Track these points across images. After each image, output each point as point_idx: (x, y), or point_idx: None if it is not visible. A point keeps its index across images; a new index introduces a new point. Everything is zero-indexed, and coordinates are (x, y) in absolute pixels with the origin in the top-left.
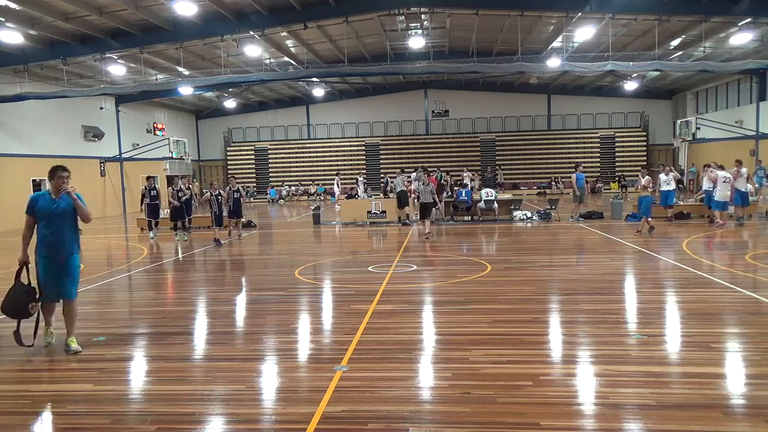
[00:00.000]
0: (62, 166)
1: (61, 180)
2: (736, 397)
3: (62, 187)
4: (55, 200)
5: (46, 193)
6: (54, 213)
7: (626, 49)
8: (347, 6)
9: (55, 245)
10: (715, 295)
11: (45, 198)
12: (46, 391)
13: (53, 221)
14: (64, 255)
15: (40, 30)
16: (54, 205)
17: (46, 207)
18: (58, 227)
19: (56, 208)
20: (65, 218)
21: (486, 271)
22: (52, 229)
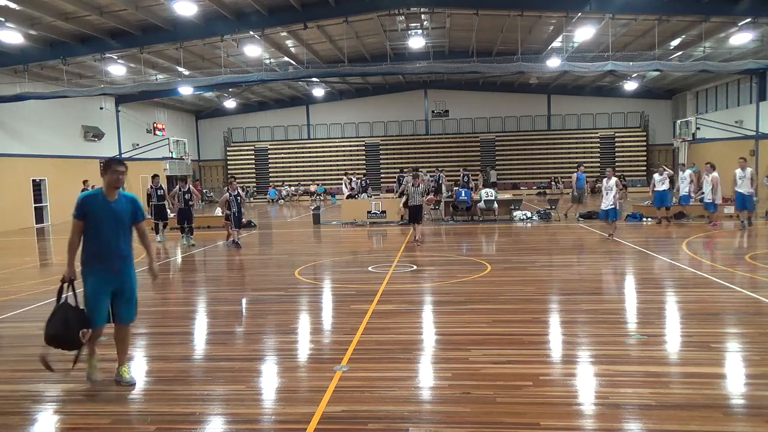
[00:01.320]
0: (117, 159)
1: (117, 176)
2: (736, 397)
3: (119, 185)
4: (110, 201)
5: (98, 192)
6: (109, 217)
7: (626, 49)
8: (347, 6)
9: (109, 256)
10: (715, 295)
11: (98, 198)
12: (46, 391)
13: (107, 227)
14: (117, 267)
15: (40, 30)
16: (109, 207)
17: (100, 209)
18: (112, 234)
19: (112, 211)
20: (121, 223)
21: (486, 271)
22: (106, 236)
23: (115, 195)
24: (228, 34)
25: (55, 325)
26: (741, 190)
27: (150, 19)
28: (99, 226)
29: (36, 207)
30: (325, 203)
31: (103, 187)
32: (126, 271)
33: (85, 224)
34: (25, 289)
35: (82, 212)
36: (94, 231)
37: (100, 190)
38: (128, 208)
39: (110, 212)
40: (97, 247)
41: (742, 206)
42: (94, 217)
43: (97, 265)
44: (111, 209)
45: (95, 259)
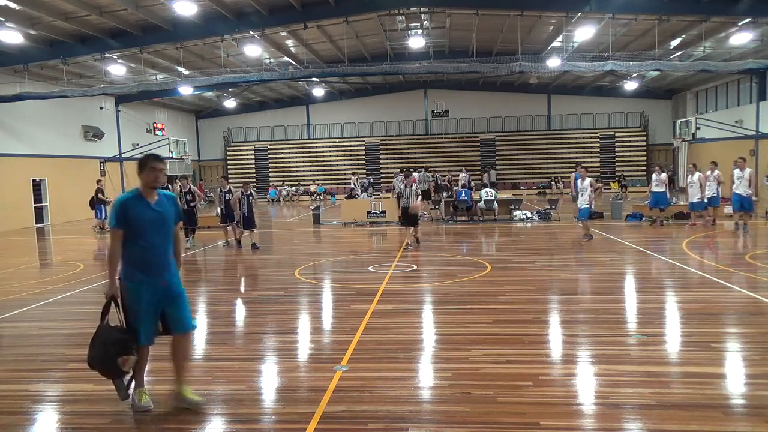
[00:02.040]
0: (155, 155)
1: (156, 174)
2: (736, 397)
3: (158, 184)
4: (151, 203)
5: (135, 193)
6: (153, 221)
7: (626, 49)
8: (347, 6)
9: (156, 266)
10: (715, 295)
11: (138, 201)
12: (46, 391)
13: (152, 233)
14: (165, 278)
15: (40, 30)
16: (151, 210)
17: (142, 214)
18: (158, 241)
19: (155, 213)
20: (166, 227)
21: (486, 271)
22: (151, 243)
23: (155, 195)
24: (228, 34)
25: (95, 347)
26: (738, 191)
27: (150, 18)
28: (142, 232)
29: (36, 207)
30: (325, 203)
31: (140, 187)
32: (175, 281)
33: (126, 232)
34: (25, 289)
35: (121, 219)
36: (137, 239)
37: (137, 191)
38: (170, 209)
39: (153, 216)
40: (142, 257)
41: (739, 208)
42: (136, 223)
43: (142, 277)
44: (153, 212)
45: (139, 271)
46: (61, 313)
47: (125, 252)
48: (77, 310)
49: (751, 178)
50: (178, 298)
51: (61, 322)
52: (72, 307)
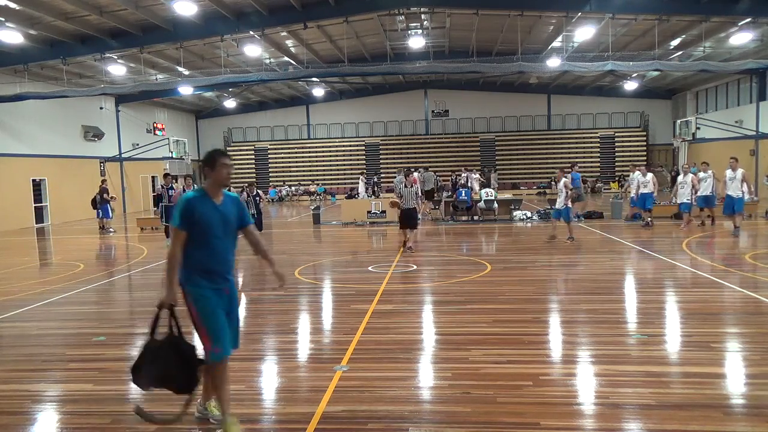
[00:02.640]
0: (221, 149)
1: (227, 172)
2: (736, 396)
3: (228, 183)
4: (217, 204)
5: (202, 192)
6: (219, 224)
7: (626, 49)
8: (347, 6)
9: (219, 273)
10: (715, 295)
11: (204, 201)
12: (46, 391)
13: (218, 237)
14: (229, 287)
15: (40, 30)
16: (218, 211)
17: (209, 214)
18: (222, 245)
19: (221, 216)
20: (232, 232)
21: (486, 271)
22: (216, 249)
23: (221, 196)
24: (228, 34)
25: (166, 361)
26: (730, 193)
27: (150, 18)
28: (208, 236)
29: (36, 207)
30: (325, 203)
31: (207, 186)
32: (234, 292)
33: (189, 234)
34: (25, 289)
35: (187, 220)
36: (202, 242)
37: (203, 190)
38: (235, 211)
39: (219, 217)
40: (206, 263)
41: (730, 210)
42: (201, 225)
43: (204, 283)
44: (220, 214)
45: (202, 278)
46: (61, 313)
47: (186, 256)
48: (77, 310)
49: (744, 178)
50: (233, 312)
51: (61, 322)
52: (72, 307)
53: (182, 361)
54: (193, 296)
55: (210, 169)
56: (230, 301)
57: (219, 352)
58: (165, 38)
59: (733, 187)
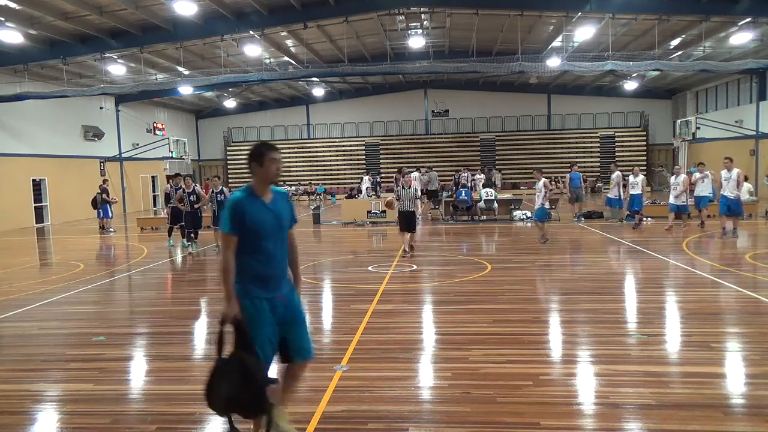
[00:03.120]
0: (270, 144)
1: (277, 167)
2: (736, 396)
3: (277, 179)
4: (267, 203)
5: (248, 191)
6: (271, 225)
7: (626, 49)
8: (347, 6)
9: (274, 278)
10: (715, 295)
11: (253, 200)
12: (46, 391)
13: (269, 238)
14: (284, 292)
15: (40, 30)
16: (268, 211)
17: (260, 215)
18: (276, 248)
19: (273, 215)
20: (283, 231)
21: (486, 270)
22: (270, 251)
23: (270, 193)
24: (228, 34)
25: (232, 383)
26: (725, 194)
27: (150, 18)
28: (259, 238)
29: (36, 207)
30: (325, 203)
31: (254, 184)
32: (293, 295)
33: (240, 238)
34: (25, 289)
35: (237, 223)
36: (254, 247)
37: (249, 188)
38: (286, 209)
39: (270, 218)
40: (258, 269)
41: (726, 211)
42: (252, 227)
43: (260, 292)
44: (271, 214)
45: (256, 286)
46: (61, 313)
47: (237, 263)
48: (77, 310)
49: (739, 178)
50: (298, 319)
51: (61, 322)
52: (72, 307)
53: (248, 381)
54: (245, 309)
55: (258, 164)
56: (288, 310)
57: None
58: (165, 38)
59: (729, 188)
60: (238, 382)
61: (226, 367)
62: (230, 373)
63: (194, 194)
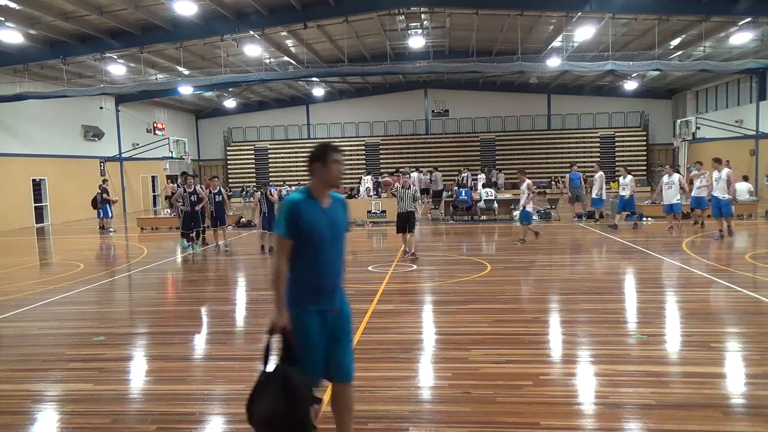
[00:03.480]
0: (333, 144)
1: (340, 168)
2: (736, 396)
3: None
4: (326, 208)
5: (306, 194)
6: (329, 232)
7: (626, 49)
8: (347, 6)
9: (329, 290)
10: (714, 295)
11: (311, 204)
12: (46, 391)
13: (325, 246)
14: (339, 304)
15: (40, 30)
16: (326, 216)
17: (317, 220)
18: (332, 257)
19: (330, 222)
20: (339, 240)
21: (486, 270)
22: (327, 261)
23: (328, 198)
24: (228, 34)
25: (272, 401)
26: (716, 194)
27: (150, 18)
28: (315, 245)
29: (36, 207)
30: None
31: (313, 186)
32: (346, 308)
33: (295, 244)
34: (25, 289)
35: (293, 226)
36: (308, 255)
37: (308, 190)
38: (343, 216)
39: (327, 224)
40: (313, 278)
41: (717, 213)
42: (309, 233)
43: (314, 305)
44: (329, 220)
45: (309, 297)
46: (61, 313)
47: (294, 271)
48: (77, 310)
49: (729, 178)
50: (345, 336)
51: (61, 322)
52: (72, 307)
53: (290, 399)
54: (295, 321)
55: (321, 164)
56: (338, 324)
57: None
58: (165, 38)
59: (719, 189)
60: (280, 399)
61: (269, 382)
62: (272, 389)
63: (195, 194)
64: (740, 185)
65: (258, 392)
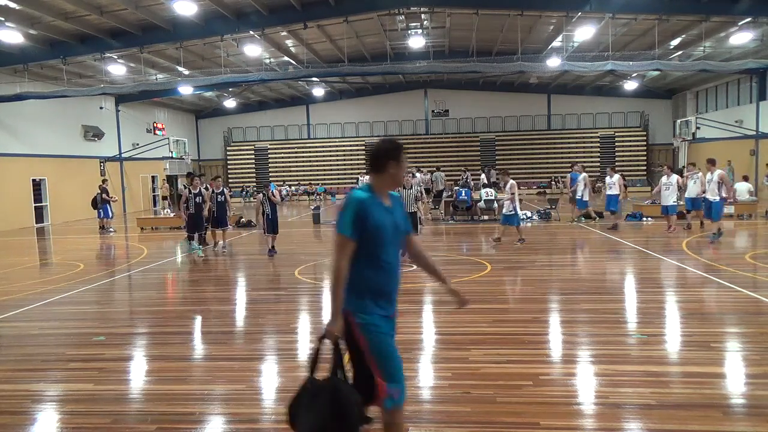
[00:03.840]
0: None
1: (402, 166)
2: (736, 396)
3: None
4: (388, 207)
5: (371, 192)
6: (393, 233)
7: (626, 49)
8: (347, 6)
9: (391, 293)
10: (714, 295)
11: (376, 203)
12: (46, 391)
13: (391, 247)
14: (396, 310)
15: (39, 29)
16: (390, 217)
17: (383, 221)
18: (394, 259)
19: (393, 223)
20: (399, 241)
21: (486, 270)
22: (388, 262)
23: (389, 197)
24: (228, 34)
25: (321, 415)
26: (707, 196)
27: (150, 18)
28: (380, 247)
29: (36, 207)
30: (325, 203)
31: (379, 183)
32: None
33: (359, 244)
34: (25, 289)
35: (360, 227)
36: (373, 257)
37: (371, 188)
38: (402, 215)
39: (391, 224)
40: (377, 283)
41: (707, 215)
42: (375, 234)
43: (376, 310)
44: (393, 219)
45: (373, 303)
46: (61, 313)
47: (356, 273)
48: (77, 310)
49: (721, 180)
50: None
51: (61, 322)
52: (72, 307)
53: (339, 416)
54: (364, 327)
55: (396, 162)
56: (394, 329)
57: (398, 397)
58: (165, 38)
59: (710, 190)
60: (330, 414)
61: (318, 393)
62: (322, 401)
63: (200, 195)
64: (740, 185)
65: (304, 400)
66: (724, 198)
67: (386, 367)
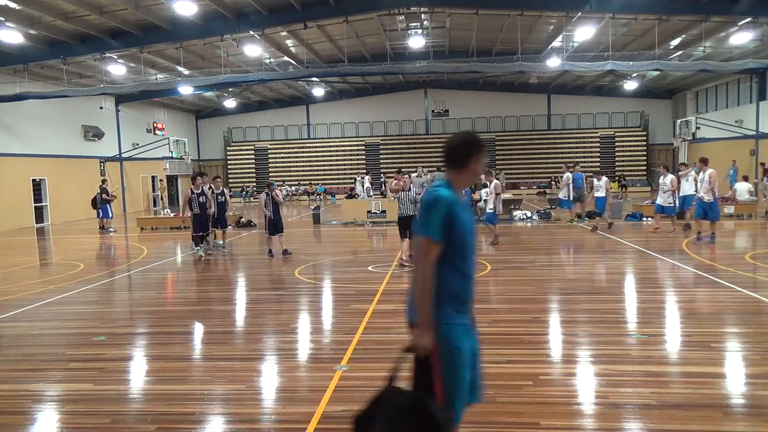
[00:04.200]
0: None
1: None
2: (736, 396)
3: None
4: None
5: (452, 189)
6: (472, 233)
7: (626, 49)
8: (347, 6)
9: (471, 299)
10: (714, 295)
11: (459, 203)
12: (46, 391)
13: (472, 248)
14: (472, 315)
15: (39, 29)
16: (468, 217)
17: (466, 221)
18: (473, 261)
19: (471, 223)
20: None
21: (486, 271)
22: (470, 265)
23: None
24: (228, 34)
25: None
26: (702, 197)
27: (150, 18)
28: (465, 249)
29: (36, 207)
30: (325, 203)
31: (457, 180)
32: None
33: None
34: (25, 289)
35: (449, 229)
36: (459, 259)
37: (451, 186)
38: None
39: (472, 225)
40: (460, 288)
41: (702, 216)
42: (462, 235)
43: (458, 320)
44: (470, 218)
45: (455, 311)
46: (61, 313)
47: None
48: (77, 310)
49: (711, 179)
50: (478, 351)
51: (61, 322)
52: (72, 307)
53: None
54: (445, 339)
55: (477, 158)
56: (475, 333)
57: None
58: (165, 38)
59: (703, 189)
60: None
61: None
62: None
63: (203, 195)
64: (740, 185)
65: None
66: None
67: (448, 387)
